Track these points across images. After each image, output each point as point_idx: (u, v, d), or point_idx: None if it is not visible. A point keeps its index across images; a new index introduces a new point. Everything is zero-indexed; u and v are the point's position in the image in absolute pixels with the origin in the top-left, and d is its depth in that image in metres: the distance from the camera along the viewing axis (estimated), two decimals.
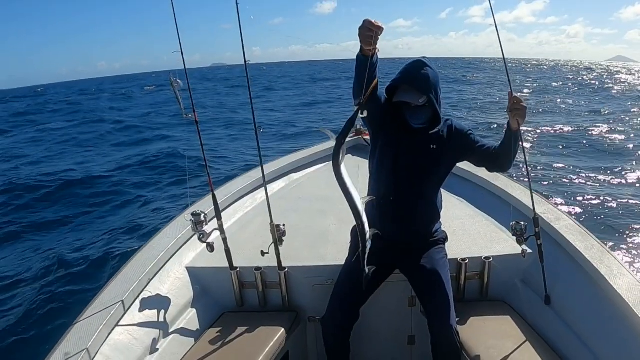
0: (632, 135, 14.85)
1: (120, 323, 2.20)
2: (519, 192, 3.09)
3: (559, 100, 26.74)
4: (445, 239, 2.49)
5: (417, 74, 2.14)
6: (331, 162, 1.59)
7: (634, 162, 11.16)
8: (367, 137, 4.03)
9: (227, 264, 2.59)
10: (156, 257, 2.57)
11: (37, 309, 5.17)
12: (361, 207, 1.67)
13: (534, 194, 2.98)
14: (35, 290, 5.59)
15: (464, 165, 2.44)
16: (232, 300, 2.69)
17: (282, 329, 2.41)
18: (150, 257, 2.57)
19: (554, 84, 43.64)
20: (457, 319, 2.21)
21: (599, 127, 16.37)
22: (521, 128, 2.16)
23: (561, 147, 13.27)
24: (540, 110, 21.86)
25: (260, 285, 2.64)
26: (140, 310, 2.34)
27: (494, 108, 22.23)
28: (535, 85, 41.16)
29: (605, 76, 58.67)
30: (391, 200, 2.32)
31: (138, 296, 2.38)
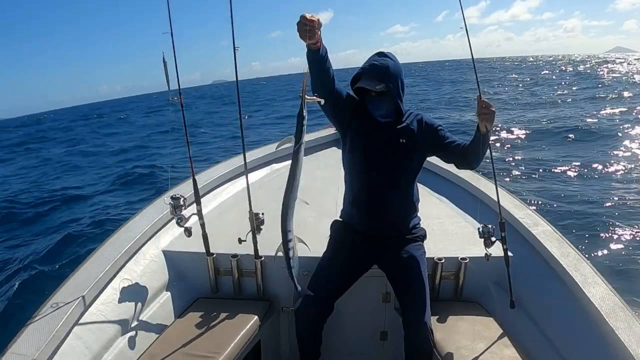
0: (612, 124, 14.93)
1: (93, 303, 2.20)
2: (501, 197, 3.08)
3: (549, 93, 27.29)
4: (424, 236, 2.50)
5: (376, 63, 2.20)
6: (312, 155, 1.64)
7: (623, 154, 10.99)
8: None
9: (203, 250, 2.59)
10: (133, 238, 2.56)
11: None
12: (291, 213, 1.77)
13: (515, 199, 3.04)
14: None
15: (447, 165, 2.46)
16: (206, 286, 2.69)
17: (255, 318, 2.42)
18: (127, 239, 2.56)
19: (547, 78, 44.58)
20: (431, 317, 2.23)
21: (583, 117, 16.49)
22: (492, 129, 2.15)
23: (546, 141, 13.24)
24: (530, 103, 22.21)
25: (236, 273, 2.65)
26: (114, 291, 2.35)
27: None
28: (527, 80, 42.21)
29: (598, 67, 59.27)
30: (365, 195, 2.34)
31: (113, 277, 2.38)
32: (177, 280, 2.68)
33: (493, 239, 2.38)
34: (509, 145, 12.97)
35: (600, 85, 31.18)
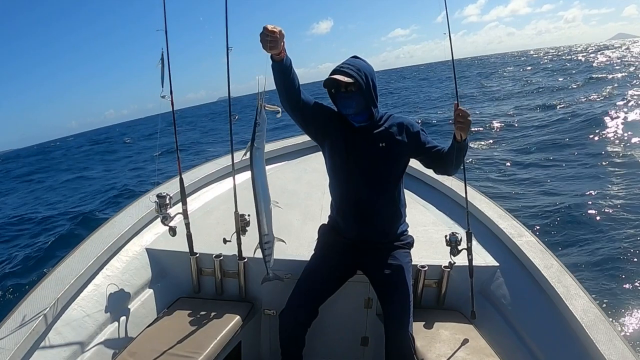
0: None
1: (75, 299, 2.21)
2: (484, 205, 3.10)
3: (543, 83, 28.20)
4: (412, 244, 2.49)
5: (347, 62, 2.22)
6: (299, 159, 1.71)
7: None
8: None
9: (187, 249, 2.58)
10: (116, 235, 2.56)
11: None
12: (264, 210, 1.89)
13: (499, 208, 3.05)
14: None
15: (433, 173, 2.48)
16: (188, 286, 2.69)
17: (236, 319, 2.41)
18: (110, 235, 2.56)
19: (547, 68, 45.96)
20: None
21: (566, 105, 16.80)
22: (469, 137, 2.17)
23: (537, 130, 13.30)
24: (522, 92, 23.37)
25: (219, 273, 2.64)
26: (96, 287, 2.35)
27: (482, 98, 24.06)
28: (522, 72, 43.87)
29: (595, 54, 59.91)
30: (349, 201, 2.34)
31: (95, 273, 2.38)
32: (160, 279, 2.68)
33: (460, 247, 2.40)
34: (499, 136, 13.15)
35: (595, 70, 32.34)
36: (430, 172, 2.62)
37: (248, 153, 1.79)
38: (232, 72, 2.45)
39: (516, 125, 14.49)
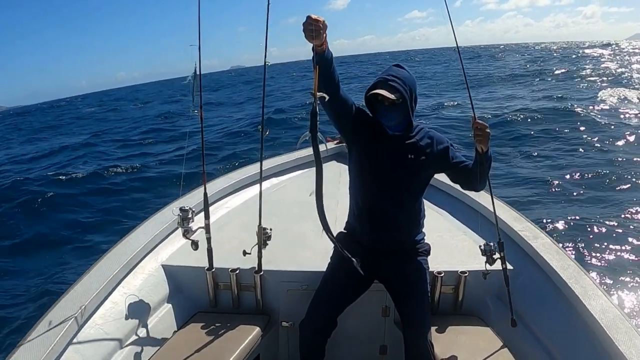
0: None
1: (92, 317, 2.21)
2: (500, 210, 3.04)
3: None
4: (428, 251, 2.48)
5: (393, 74, 2.19)
6: (312, 169, 1.73)
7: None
8: None
9: (202, 264, 2.60)
10: (132, 252, 2.57)
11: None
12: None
13: (514, 211, 3.04)
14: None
15: (447, 179, 2.46)
16: (205, 300, 2.69)
17: (254, 332, 2.41)
18: (126, 252, 2.57)
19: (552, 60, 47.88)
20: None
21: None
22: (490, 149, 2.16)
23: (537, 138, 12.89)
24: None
25: (235, 287, 2.64)
26: (113, 305, 2.35)
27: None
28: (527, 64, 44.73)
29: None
30: (369, 208, 2.33)
31: (112, 291, 2.39)
32: (176, 295, 2.69)
33: (495, 256, 2.37)
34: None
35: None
36: (443, 178, 2.60)
37: (303, 139, 1.83)
38: (246, 42, 2.42)
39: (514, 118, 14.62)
